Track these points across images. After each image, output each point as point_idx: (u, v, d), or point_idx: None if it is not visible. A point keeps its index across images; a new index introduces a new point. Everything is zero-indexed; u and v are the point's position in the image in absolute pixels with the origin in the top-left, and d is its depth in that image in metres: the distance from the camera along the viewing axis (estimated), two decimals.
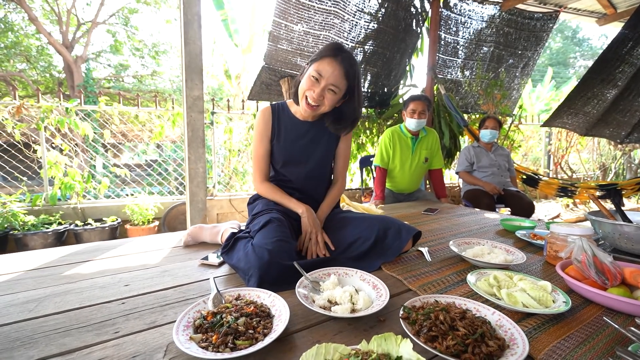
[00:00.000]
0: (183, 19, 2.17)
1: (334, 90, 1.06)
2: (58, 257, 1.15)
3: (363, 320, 0.73)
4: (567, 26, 19.47)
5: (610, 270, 0.79)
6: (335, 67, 1.04)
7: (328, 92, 1.06)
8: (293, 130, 1.22)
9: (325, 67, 1.04)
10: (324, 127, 1.24)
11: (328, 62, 1.04)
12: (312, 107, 1.09)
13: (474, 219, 1.79)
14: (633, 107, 3.46)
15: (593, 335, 0.66)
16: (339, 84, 1.06)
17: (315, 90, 1.06)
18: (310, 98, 1.07)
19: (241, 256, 0.96)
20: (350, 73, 1.06)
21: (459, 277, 0.96)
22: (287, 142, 1.21)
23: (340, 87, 1.07)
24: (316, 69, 1.05)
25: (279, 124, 1.22)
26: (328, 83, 1.05)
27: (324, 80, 1.05)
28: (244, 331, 0.63)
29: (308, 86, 1.07)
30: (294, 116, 1.23)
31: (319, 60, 1.06)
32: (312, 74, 1.06)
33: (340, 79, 1.05)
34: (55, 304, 0.81)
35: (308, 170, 1.24)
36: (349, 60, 1.06)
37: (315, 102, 1.08)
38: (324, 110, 1.12)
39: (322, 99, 1.07)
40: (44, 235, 2.73)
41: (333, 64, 1.04)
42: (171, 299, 0.84)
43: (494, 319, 0.67)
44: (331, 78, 1.04)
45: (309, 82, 1.07)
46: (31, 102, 2.97)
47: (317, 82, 1.06)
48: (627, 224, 1.03)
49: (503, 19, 3.91)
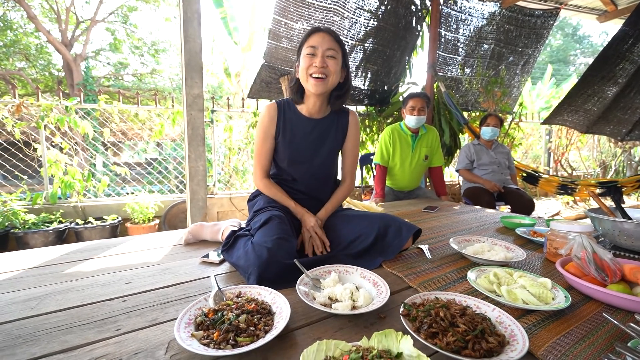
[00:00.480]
0: (183, 16, 2.17)
1: (333, 55, 1.08)
2: (59, 255, 1.15)
3: (364, 317, 0.73)
4: (568, 23, 19.41)
5: (609, 267, 0.80)
6: (324, 36, 1.07)
7: (329, 59, 1.07)
8: (299, 128, 1.20)
9: (315, 39, 1.07)
10: (330, 124, 1.23)
11: (315, 36, 1.07)
12: (320, 79, 1.08)
13: (474, 216, 1.79)
14: (634, 104, 3.46)
15: (593, 331, 0.66)
16: (334, 46, 1.08)
17: (316, 61, 1.06)
18: (315, 71, 1.07)
19: (241, 254, 0.96)
20: (337, 38, 1.10)
21: (459, 274, 0.96)
22: (292, 139, 1.19)
23: (337, 50, 1.09)
24: (308, 45, 1.07)
25: (284, 120, 1.20)
26: (324, 49, 1.06)
27: (319, 49, 1.06)
28: (245, 328, 0.63)
29: (307, 63, 1.08)
30: (300, 113, 1.21)
31: (306, 41, 1.09)
32: (306, 53, 1.08)
33: (333, 42, 1.08)
34: (57, 301, 0.81)
35: (313, 169, 1.22)
36: (331, 30, 1.10)
37: (321, 73, 1.07)
38: (333, 80, 1.11)
39: (326, 67, 1.07)
40: (44, 234, 2.74)
41: (321, 34, 1.07)
42: (172, 297, 0.84)
43: (494, 315, 0.68)
44: (325, 44, 1.06)
45: (307, 59, 1.08)
46: (31, 100, 2.96)
47: (314, 55, 1.07)
48: (627, 220, 1.03)
49: (503, 16, 3.90)
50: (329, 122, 1.23)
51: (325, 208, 1.21)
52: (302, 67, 1.10)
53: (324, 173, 1.25)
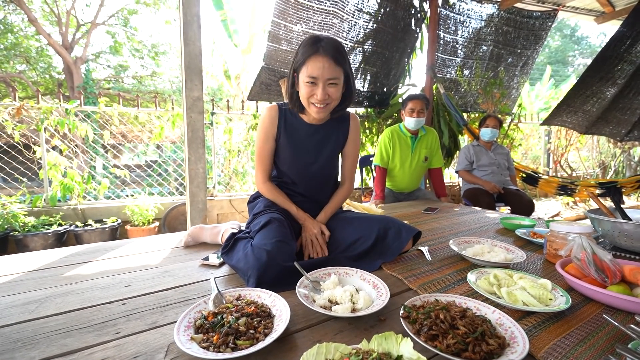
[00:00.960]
0: (182, 19, 2.17)
1: (334, 83, 1.03)
2: (59, 258, 1.15)
3: (364, 319, 0.73)
4: (566, 24, 19.47)
5: (609, 268, 0.79)
6: (323, 61, 1.00)
7: (329, 87, 1.03)
8: (300, 131, 1.19)
9: (314, 67, 1.00)
10: (332, 128, 1.22)
11: (314, 61, 1.00)
12: (323, 108, 1.07)
13: (474, 217, 1.79)
14: (633, 105, 3.46)
15: (593, 333, 0.66)
16: (335, 74, 1.02)
17: (317, 93, 1.03)
18: (317, 101, 1.05)
19: (241, 257, 0.96)
20: (338, 58, 1.02)
21: (459, 275, 0.96)
22: (293, 142, 1.18)
23: (338, 76, 1.03)
24: (307, 74, 1.02)
25: (285, 123, 1.18)
26: (325, 79, 1.01)
27: (319, 80, 1.01)
28: (244, 331, 0.63)
29: (308, 93, 1.04)
30: (301, 119, 1.20)
31: (305, 64, 1.02)
32: (306, 81, 1.03)
33: (333, 69, 1.01)
34: (56, 304, 0.81)
35: (314, 172, 1.22)
36: (331, 45, 1.01)
37: (323, 103, 1.05)
38: (334, 104, 1.09)
39: (328, 96, 1.04)
40: (44, 237, 2.74)
41: (319, 59, 1.00)
42: (172, 300, 0.84)
43: (494, 317, 0.67)
44: (326, 73, 1.00)
45: (307, 88, 1.04)
46: (31, 103, 2.97)
47: (315, 85, 1.03)
48: (627, 221, 1.03)
49: (502, 17, 3.91)
50: (330, 126, 1.22)
51: (324, 211, 1.21)
52: (303, 94, 1.07)
53: (324, 176, 1.25)
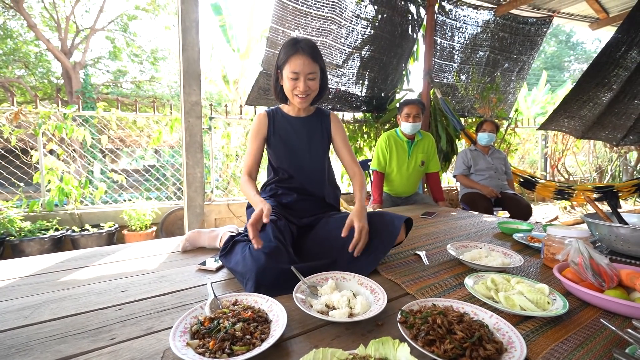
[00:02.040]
0: (181, 25, 2.19)
1: (312, 77, 1.21)
2: (54, 263, 1.14)
3: (361, 324, 0.73)
4: (562, 30, 19.70)
5: (606, 272, 0.80)
6: (303, 59, 1.17)
7: (309, 81, 1.20)
8: (288, 127, 1.33)
9: (295, 64, 1.17)
10: (316, 122, 1.35)
11: (295, 59, 1.17)
12: (304, 98, 1.24)
13: (472, 222, 1.79)
14: (629, 109, 3.49)
15: (591, 337, 0.66)
16: (313, 69, 1.20)
17: (299, 86, 1.20)
18: (300, 93, 1.22)
19: (239, 259, 0.96)
20: (315, 55, 1.19)
21: (456, 280, 0.96)
22: (285, 136, 1.32)
23: (316, 71, 1.21)
24: (290, 70, 1.18)
25: (274, 125, 1.33)
26: (305, 74, 1.19)
27: (301, 75, 1.18)
28: (241, 336, 0.62)
29: (292, 86, 1.21)
30: (288, 114, 1.35)
31: (287, 62, 1.19)
32: (289, 76, 1.19)
33: (311, 65, 1.19)
34: (51, 310, 0.80)
35: (307, 164, 1.31)
36: (308, 45, 1.18)
37: (305, 94, 1.22)
38: (314, 95, 1.27)
39: (308, 88, 1.21)
40: (40, 241, 2.72)
41: (300, 57, 1.17)
42: (168, 305, 0.83)
43: (492, 322, 0.67)
44: (306, 69, 1.18)
45: (291, 83, 1.21)
46: (29, 107, 2.97)
47: (297, 79, 1.20)
48: (623, 225, 1.04)
49: (498, 24, 3.96)
50: (315, 121, 1.36)
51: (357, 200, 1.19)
52: (287, 88, 1.24)
53: (317, 168, 1.33)
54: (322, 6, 3.00)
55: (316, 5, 2.97)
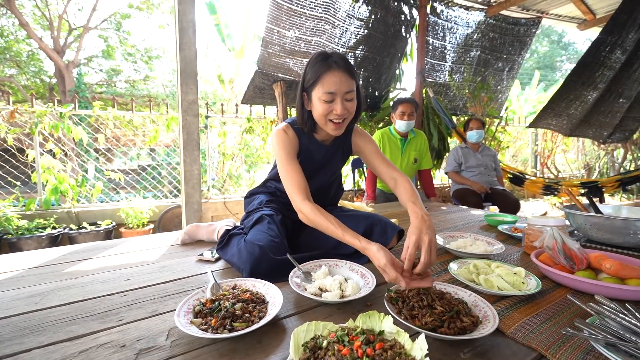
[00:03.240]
0: (178, 25, 2.23)
1: (350, 97, 1.03)
2: (58, 256, 1.19)
3: (351, 304, 0.79)
4: (554, 31, 19.97)
5: (577, 255, 0.86)
6: (339, 75, 0.99)
7: (347, 102, 1.02)
8: (311, 151, 1.18)
9: (330, 82, 0.99)
10: (339, 145, 1.22)
11: (330, 76, 0.99)
12: (341, 124, 1.05)
13: (461, 215, 1.86)
14: (614, 108, 3.60)
15: (559, 312, 0.73)
16: (351, 87, 1.01)
17: (336, 109, 1.00)
18: (337, 117, 1.02)
19: (235, 252, 1.00)
20: (351, 70, 1.02)
21: (442, 267, 1.02)
22: (308, 162, 1.17)
23: (353, 89, 1.03)
24: (324, 90, 0.99)
25: (301, 144, 1.16)
26: (342, 93, 1.00)
27: (337, 95, 1.00)
28: (240, 315, 0.68)
29: (326, 110, 1.02)
30: (314, 139, 1.18)
31: (320, 80, 1.00)
32: (323, 98, 1.00)
33: (348, 83, 1.00)
34: (59, 297, 0.85)
35: (318, 182, 1.22)
36: (342, 59, 1.01)
37: (342, 118, 1.04)
38: (350, 118, 1.08)
39: (346, 111, 1.02)
40: (37, 239, 2.74)
41: (335, 74, 0.99)
42: (171, 291, 0.88)
43: (470, 300, 0.74)
44: (343, 87, 0.99)
45: (325, 106, 1.01)
46: (25, 107, 2.98)
47: (332, 102, 1.01)
48: (597, 215, 1.11)
49: (488, 24, 4.05)
50: (337, 144, 1.22)
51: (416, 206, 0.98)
52: (319, 112, 1.03)
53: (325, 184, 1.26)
54: (316, 6, 3.05)
55: (310, 5, 3.02)
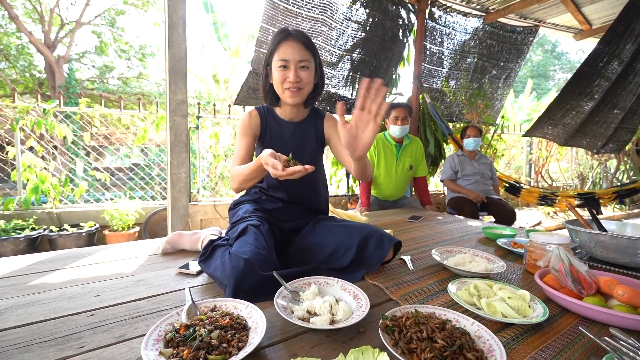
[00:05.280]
0: (168, 22, 2.14)
1: (306, 66, 1.08)
2: (25, 266, 1.09)
3: (342, 331, 0.71)
4: (547, 40, 20.30)
5: (586, 279, 0.81)
6: (293, 45, 1.05)
7: (301, 70, 1.08)
8: (279, 132, 1.21)
9: (285, 51, 1.05)
10: (310, 126, 1.24)
11: (284, 46, 1.05)
12: (295, 91, 1.09)
13: (457, 226, 1.80)
14: (608, 118, 3.61)
15: (569, 345, 0.66)
16: (305, 56, 1.07)
17: (290, 75, 1.06)
18: (290, 85, 1.08)
19: (218, 265, 0.92)
20: (308, 43, 1.08)
21: (440, 286, 0.96)
22: (274, 144, 1.18)
23: (309, 59, 1.08)
24: (279, 58, 1.06)
25: (266, 125, 1.21)
26: (296, 61, 1.06)
27: (291, 62, 1.06)
28: (217, 345, 0.60)
29: (281, 77, 1.08)
30: (280, 117, 1.23)
31: (276, 50, 1.06)
32: (278, 65, 1.06)
33: (303, 51, 1.06)
34: (17, 316, 0.76)
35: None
36: (300, 33, 1.08)
37: (296, 85, 1.08)
38: (308, 89, 1.13)
39: (300, 80, 1.08)
40: (15, 241, 2.61)
41: (289, 44, 1.05)
42: (144, 310, 0.80)
43: (473, 329, 0.67)
44: (296, 55, 1.05)
45: (280, 73, 1.07)
46: (6, 102, 2.85)
47: (287, 68, 1.07)
48: (603, 232, 1.06)
49: (486, 31, 4.03)
50: (307, 125, 1.24)
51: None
52: (276, 80, 1.10)
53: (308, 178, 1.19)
54: (313, 7, 2.99)
55: (307, 6, 2.96)
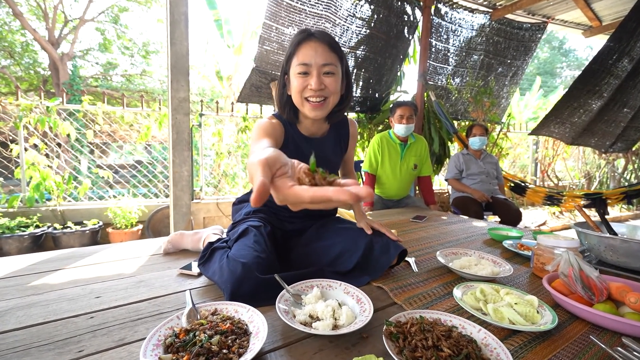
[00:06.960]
0: (169, 18, 2.12)
1: (331, 71, 0.90)
2: (26, 266, 1.09)
3: (345, 337, 0.70)
4: (555, 37, 20.02)
5: (596, 285, 0.78)
6: (316, 46, 0.87)
7: (325, 76, 0.89)
8: (298, 149, 1.06)
9: (306, 53, 0.87)
10: (331, 143, 1.14)
11: (306, 47, 0.88)
12: (318, 103, 0.91)
13: (462, 227, 1.78)
14: (618, 117, 3.55)
15: (579, 354, 0.64)
16: (330, 60, 0.88)
17: (312, 82, 0.88)
18: (312, 93, 0.89)
19: (216, 269, 0.90)
20: (333, 44, 0.90)
21: (445, 289, 0.94)
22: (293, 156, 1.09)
23: (335, 63, 0.90)
24: (298, 62, 0.88)
25: (288, 139, 1.04)
26: (319, 65, 0.88)
27: (313, 67, 0.88)
28: (217, 351, 0.59)
29: (300, 85, 0.90)
30: (300, 132, 1.08)
31: (295, 53, 0.89)
32: (297, 72, 0.89)
33: (328, 54, 0.88)
34: (17, 318, 0.75)
35: None
36: (324, 34, 0.90)
37: (319, 96, 0.90)
38: (333, 100, 0.95)
39: (324, 87, 0.90)
40: (19, 239, 2.62)
41: (310, 45, 0.87)
42: (144, 313, 0.79)
43: (480, 337, 0.65)
44: (320, 58, 0.87)
45: (299, 80, 0.90)
46: (10, 99, 2.86)
47: (308, 74, 0.89)
48: (613, 236, 1.03)
49: (493, 28, 3.97)
50: (330, 140, 1.12)
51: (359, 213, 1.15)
52: (294, 89, 0.91)
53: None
54: (316, 3, 2.96)
55: (310, 2, 2.93)
